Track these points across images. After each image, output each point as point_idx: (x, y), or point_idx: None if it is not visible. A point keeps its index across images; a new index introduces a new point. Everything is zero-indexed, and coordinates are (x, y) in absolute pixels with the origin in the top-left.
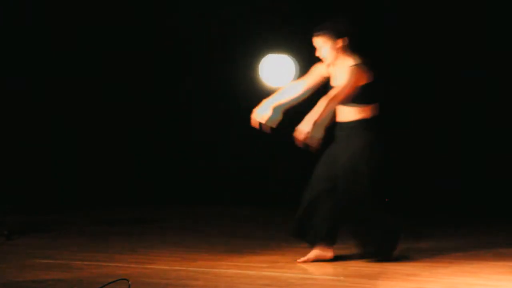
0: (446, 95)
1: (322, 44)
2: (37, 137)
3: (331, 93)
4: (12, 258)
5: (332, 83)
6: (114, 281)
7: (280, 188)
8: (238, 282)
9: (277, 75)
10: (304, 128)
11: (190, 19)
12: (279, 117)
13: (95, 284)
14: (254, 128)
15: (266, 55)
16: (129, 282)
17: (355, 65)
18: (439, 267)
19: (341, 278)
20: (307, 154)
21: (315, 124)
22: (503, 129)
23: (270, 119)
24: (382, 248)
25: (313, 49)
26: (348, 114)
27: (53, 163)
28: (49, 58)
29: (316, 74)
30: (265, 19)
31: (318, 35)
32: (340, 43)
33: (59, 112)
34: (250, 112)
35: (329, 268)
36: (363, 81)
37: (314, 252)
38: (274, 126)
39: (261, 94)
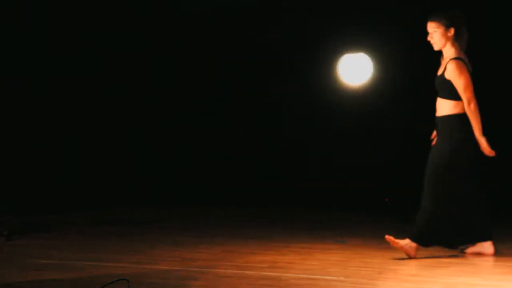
0: None
1: (434, 29)
2: (37, 137)
3: (465, 103)
4: (12, 258)
5: (438, 72)
6: (114, 281)
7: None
8: (238, 282)
9: (355, 73)
10: (485, 145)
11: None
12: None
13: (95, 284)
14: (254, 128)
15: (343, 55)
16: (129, 282)
17: (456, 58)
18: (439, 267)
19: (341, 278)
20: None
21: (481, 134)
22: (503, 129)
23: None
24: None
25: (387, 46)
26: (445, 107)
27: (53, 163)
28: (49, 58)
29: None
30: (338, 18)
31: (432, 20)
32: (451, 31)
33: (59, 112)
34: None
35: (329, 268)
36: (464, 73)
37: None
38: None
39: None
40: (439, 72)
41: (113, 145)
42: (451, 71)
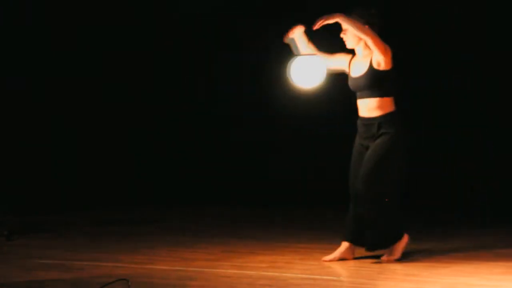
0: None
1: (348, 26)
2: (37, 137)
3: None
4: (12, 258)
5: (352, 73)
6: (114, 281)
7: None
8: (238, 282)
9: (307, 76)
10: (336, 17)
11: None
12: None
13: (95, 284)
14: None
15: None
16: (129, 282)
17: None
18: (439, 267)
19: (341, 278)
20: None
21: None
22: (503, 129)
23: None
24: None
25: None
26: (373, 108)
27: (53, 163)
28: (49, 58)
29: (338, 60)
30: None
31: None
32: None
33: (59, 112)
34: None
35: (329, 268)
36: (389, 61)
37: (340, 250)
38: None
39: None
40: (362, 72)
41: (113, 145)
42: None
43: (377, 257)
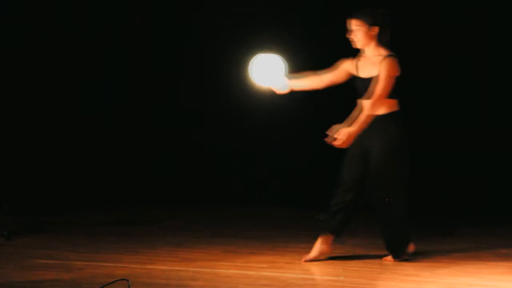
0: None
1: (356, 28)
2: (37, 137)
3: (372, 99)
4: (12, 258)
5: (361, 74)
6: (114, 281)
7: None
8: (238, 282)
9: (267, 74)
10: (343, 135)
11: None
12: (286, 89)
13: (95, 284)
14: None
15: (256, 55)
16: (129, 282)
17: (391, 55)
18: (439, 267)
19: (341, 278)
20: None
21: (352, 132)
22: (503, 129)
23: (279, 84)
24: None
25: (301, 47)
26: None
27: (53, 163)
28: (49, 58)
29: (341, 70)
30: (254, 19)
31: (355, 18)
32: (374, 30)
33: (59, 112)
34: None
35: (329, 268)
36: (397, 73)
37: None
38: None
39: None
40: (372, 75)
41: (113, 145)
42: (386, 65)
43: (379, 256)
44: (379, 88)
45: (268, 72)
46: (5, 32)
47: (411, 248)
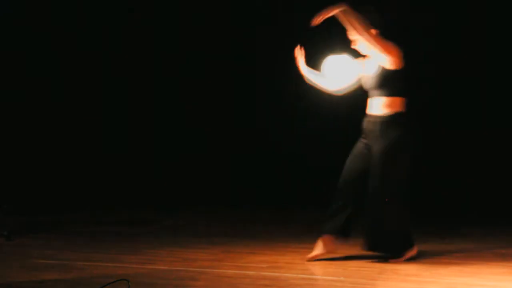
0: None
1: (356, 36)
2: (37, 137)
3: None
4: (12, 258)
5: (366, 72)
6: (114, 281)
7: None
8: (238, 282)
9: (339, 75)
10: (337, 8)
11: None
12: (309, 74)
13: (95, 284)
14: (254, 129)
15: (327, 56)
16: (129, 282)
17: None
18: (439, 267)
19: (341, 278)
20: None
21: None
22: (504, 129)
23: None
24: (395, 249)
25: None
26: (381, 106)
27: (53, 163)
28: (48, 58)
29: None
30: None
31: None
32: (373, 32)
33: (59, 112)
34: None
35: (329, 268)
36: (398, 61)
37: (320, 246)
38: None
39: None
40: (373, 71)
41: (113, 145)
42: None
43: (379, 256)
44: (377, 38)
45: (340, 72)
46: (5, 32)
47: (414, 251)
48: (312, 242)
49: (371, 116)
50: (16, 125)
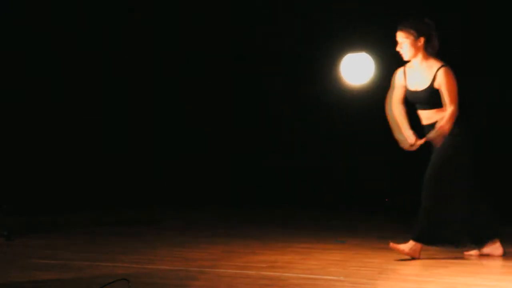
0: None
1: (404, 39)
2: (37, 137)
3: (451, 105)
4: (12, 258)
5: (409, 86)
6: (114, 281)
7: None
8: (238, 282)
9: (356, 73)
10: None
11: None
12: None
13: (95, 284)
14: (254, 129)
15: (345, 54)
16: (129, 282)
17: (444, 65)
18: (439, 267)
19: (341, 278)
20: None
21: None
22: (503, 129)
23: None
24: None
25: (391, 46)
26: (435, 116)
27: (53, 163)
28: (48, 58)
29: (399, 88)
30: (343, 19)
31: (401, 30)
32: (421, 41)
33: (59, 112)
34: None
35: (329, 268)
36: (456, 80)
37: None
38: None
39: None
40: (422, 87)
41: (113, 145)
42: (444, 77)
43: (379, 256)
44: (450, 101)
45: (359, 71)
46: (5, 32)
47: (498, 248)
48: (312, 242)
49: (426, 126)
50: (16, 125)
